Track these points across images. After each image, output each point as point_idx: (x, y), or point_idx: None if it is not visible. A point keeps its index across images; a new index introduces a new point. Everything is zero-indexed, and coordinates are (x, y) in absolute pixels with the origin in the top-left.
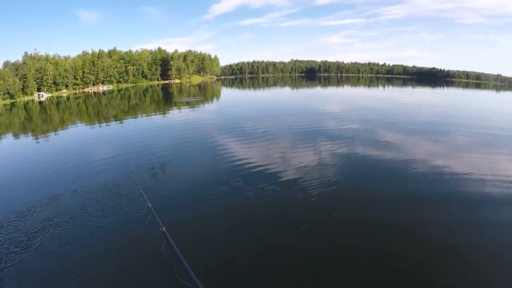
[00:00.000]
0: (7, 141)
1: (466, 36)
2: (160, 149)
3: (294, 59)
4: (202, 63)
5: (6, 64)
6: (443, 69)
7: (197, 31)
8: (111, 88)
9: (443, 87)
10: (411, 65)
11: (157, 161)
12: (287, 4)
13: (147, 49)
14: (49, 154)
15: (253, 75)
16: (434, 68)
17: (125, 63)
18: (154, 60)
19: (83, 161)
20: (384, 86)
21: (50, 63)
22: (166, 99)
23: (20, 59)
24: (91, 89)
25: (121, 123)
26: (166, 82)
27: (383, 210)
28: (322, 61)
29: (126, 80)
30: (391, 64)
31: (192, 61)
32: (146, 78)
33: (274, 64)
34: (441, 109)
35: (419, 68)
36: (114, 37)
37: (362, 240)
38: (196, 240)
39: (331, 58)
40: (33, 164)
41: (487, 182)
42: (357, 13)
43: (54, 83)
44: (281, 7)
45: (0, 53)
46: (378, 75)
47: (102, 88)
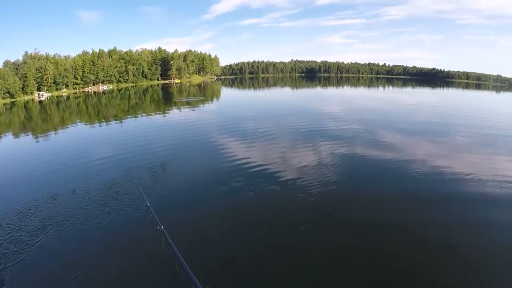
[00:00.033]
0: (7, 140)
1: (466, 37)
2: (160, 149)
3: (294, 59)
4: (202, 63)
5: (6, 64)
6: (443, 70)
7: (197, 31)
8: (111, 88)
9: (443, 88)
10: (411, 66)
11: (157, 161)
12: (287, 5)
13: (147, 49)
14: (49, 153)
15: (253, 75)
16: (434, 69)
17: (125, 63)
18: (154, 60)
19: (83, 161)
20: (384, 87)
21: (50, 63)
22: (166, 99)
23: (20, 59)
24: (91, 89)
25: (121, 123)
26: (166, 82)
27: (383, 210)
28: (322, 61)
29: (126, 80)
30: (391, 65)
31: (192, 61)
32: (146, 78)
33: (274, 64)
34: (441, 110)
35: (419, 69)
36: (114, 37)
37: (362, 240)
38: (196, 240)
39: (331, 59)
40: (33, 163)
41: (487, 182)
42: (358, 14)
43: (54, 83)
44: (281, 8)
45: (0, 53)
46: (378, 76)
47: (102, 88)
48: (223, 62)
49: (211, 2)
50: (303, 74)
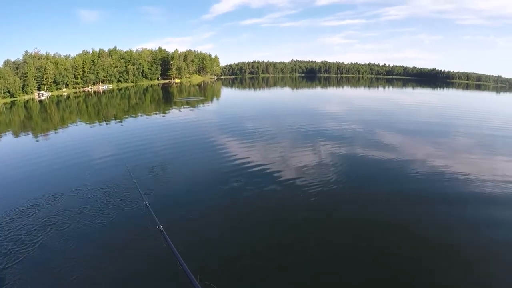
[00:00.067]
0: (7, 140)
1: (466, 37)
2: (160, 148)
3: (294, 60)
4: (202, 63)
5: (7, 63)
6: (443, 70)
7: (197, 31)
8: (111, 88)
9: (443, 88)
10: (411, 66)
11: (157, 161)
12: (288, 5)
13: (148, 49)
14: (49, 153)
15: (253, 75)
16: (434, 69)
17: (126, 63)
18: (155, 60)
19: (83, 160)
20: (384, 87)
21: (51, 62)
22: (166, 99)
23: (21, 58)
24: (91, 88)
25: (121, 122)
26: (166, 82)
27: (383, 210)
28: (322, 62)
29: (126, 80)
30: (391, 65)
31: (192, 61)
32: (146, 78)
33: (274, 64)
34: (441, 110)
35: (419, 69)
36: (115, 37)
37: (362, 240)
38: (196, 240)
39: (331, 59)
40: (33, 163)
41: (487, 183)
42: (358, 14)
43: (55, 82)
44: (282, 8)
45: (1, 52)
46: (378, 76)
47: (102, 87)
48: (223, 62)
49: (211, 2)
50: (303, 74)
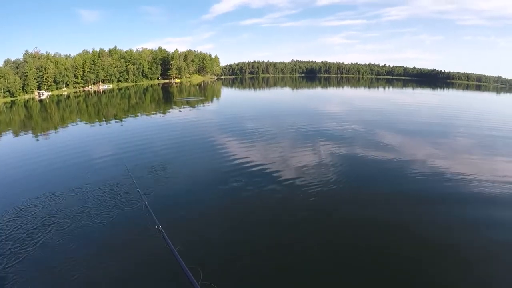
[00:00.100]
0: (8, 139)
1: (467, 38)
2: (160, 148)
3: (295, 60)
4: (203, 63)
5: (7, 62)
6: (444, 71)
7: (197, 31)
8: (112, 87)
9: (444, 89)
10: (412, 67)
11: (157, 160)
12: (288, 5)
13: (148, 49)
14: (49, 152)
15: (254, 75)
16: (435, 70)
17: (126, 62)
18: (155, 60)
19: (83, 159)
20: (385, 88)
21: (51, 62)
22: (166, 99)
23: (21, 57)
24: (92, 88)
25: (121, 122)
26: (167, 82)
27: (383, 210)
28: (323, 62)
29: (127, 79)
30: (392, 65)
31: (193, 61)
32: (147, 77)
33: (275, 65)
34: (441, 111)
35: (420, 70)
36: (115, 36)
37: (362, 240)
38: (196, 240)
39: (332, 59)
40: (33, 162)
41: (487, 183)
42: (358, 14)
43: (55, 82)
44: (282, 8)
45: (1, 51)
46: (379, 76)
47: (103, 87)
48: (223, 62)
49: (211, 2)
50: (303, 75)
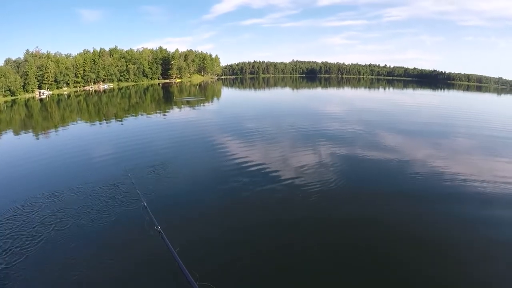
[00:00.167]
0: (8, 138)
1: (468, 39)
2: (159, 148)
3: (295, 60)
4: (203, 63)
5: (8, 62)
6: (444, 72)
7: (197, 31)
8: (112, 87)
9: (444, 90)
10: (412, 67)
11: (157, 160)
12: (289, 5)
13: (148, 48)
14: (49, 152)
15: (254, 75)
16: (435, 71)
17: (126, 62)
18: (155, 59)
19: (82, 159)
20: (385, 88)
21: (52, 61)
22: (167, 98)
23: (22, 57)
24: (92, 87)
25: (121, 122)
26: (167, 81)
27: (383, 210)
28: (323, 62)
29: (127, 79)
30: (392, 66)
31: (193, 61)
32: (147, 77)
33: (275, 65)
34: (442, 112)
35: (420, 70)
36: (115, 36)
37: (362, 240)
38: (195, 240)
39: (332, 59)
40: (33, 161)
41: (487, 184)
42: (359, 15)
43: (55, 81)
44: (282, 8)
45: (2, 50)
46: (379, 77)
47: (103, 87)
48: (224, 62)
49: (212, 2)
50: (304, 75)
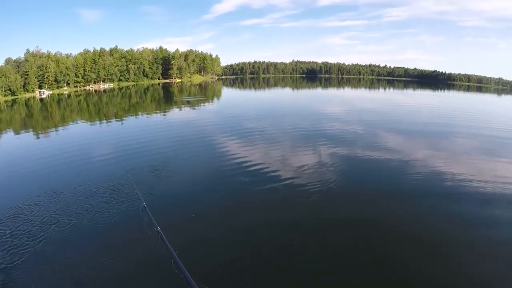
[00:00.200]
0: (8, 138)
1: (468, 39)
2: (159, 148)
3: (295, 60)
4: (203, 63)
5: (8, 61)
6: (445, 72)
7: (197, 31)
8: (112, 87)
9: (444, 90)
10: (412, 68)
11: (157, 160)
12: (289, 5)
13: (149, 48)
14: (49, 151)
15: (254, 76)
16: (436, 71)
17: (126, 62)
18: (155, 59)
19: (83, 159)
20: (385, 88)
21: (52, 61)
22: (167, 98)
23: (22, 56)
24: (92, 87)
25: (121, 122)
26: (167, 81)
27: (383, 210)
28: (323, 62)
29: (127, 79)
30: (392, 66)
31: (193, 61)
32: (147, 77)
33: (275, 65)
34: (442, 112)
35: (420, 71)
36: (115, 36)
37: (362, 240)
38: (196, 240)
39: (332, 60)
40: (33, 160)
41: (487, 184)
42: (359, 15)
43: (56, 81)
44: (283, 8)
45: (2, 50)
46: (379, 77)
47: (103, 86)
48: (224, 62)
49: (212, 2)
50: (304, 75)
